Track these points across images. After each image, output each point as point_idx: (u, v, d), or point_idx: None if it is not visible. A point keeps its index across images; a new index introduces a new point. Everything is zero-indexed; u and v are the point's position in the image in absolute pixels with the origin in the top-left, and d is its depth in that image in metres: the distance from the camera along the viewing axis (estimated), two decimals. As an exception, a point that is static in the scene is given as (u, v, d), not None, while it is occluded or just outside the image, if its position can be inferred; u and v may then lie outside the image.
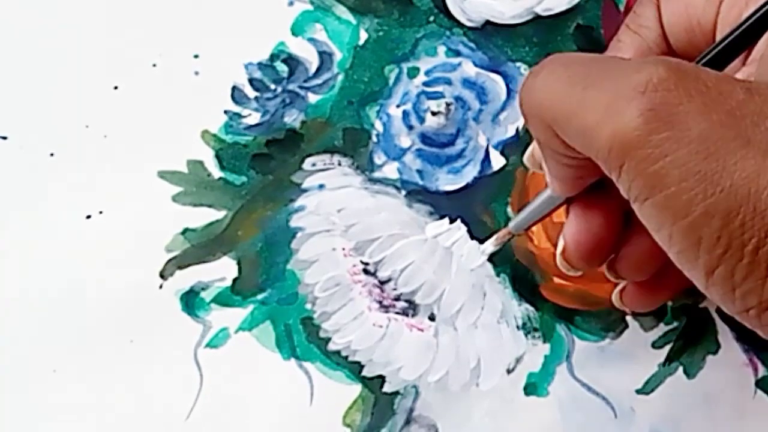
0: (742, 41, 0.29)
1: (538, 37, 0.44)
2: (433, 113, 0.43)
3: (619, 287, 0.37)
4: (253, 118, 0.43)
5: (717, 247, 0.25)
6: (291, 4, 0.45)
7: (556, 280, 0.41)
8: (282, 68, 0.44)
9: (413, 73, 0.44)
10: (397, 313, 0.41)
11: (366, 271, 0.41)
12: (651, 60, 0.26)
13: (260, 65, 0.44)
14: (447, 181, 0.42)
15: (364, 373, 0.40)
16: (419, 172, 0.42)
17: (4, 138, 0.43)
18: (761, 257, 0.24)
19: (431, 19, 0.45)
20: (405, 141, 0.43)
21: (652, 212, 0.26)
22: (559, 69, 0.28)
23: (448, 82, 0.44)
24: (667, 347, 0.41)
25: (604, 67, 0.27)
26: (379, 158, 0.43)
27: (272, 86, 0.44)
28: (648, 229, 0.27)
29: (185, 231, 0.42)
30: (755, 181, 0.24)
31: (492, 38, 0.44)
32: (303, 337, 0.41)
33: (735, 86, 0.26)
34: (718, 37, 0.31)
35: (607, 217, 0.33)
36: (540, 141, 0.30)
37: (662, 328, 0.41)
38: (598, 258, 0.34)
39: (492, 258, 0.41)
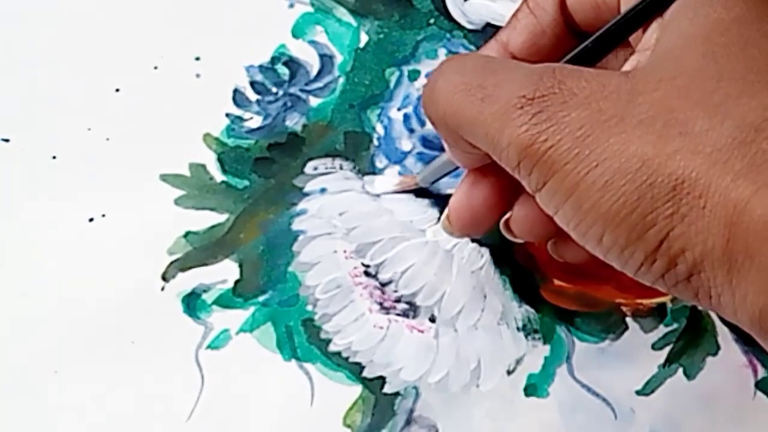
0: (610, 40, 0.31)
1: (538, 39, 0.44)
2: (434, 116, 0.43)
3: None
4: (255, 121, 0.43)
5: (599, 216, 0.27)
6: (291, 6, 0.45)
7: (557, 282, 0.41)
8: (283, 71, 0.44)
9: (414, 75, 0.44)
10: (398, 314, 0.41)
11: (367, 274, 0.41)
12: (537, 70, 0.29)
13: (261, 68, 0.44)
14: (448, 185, 0.42)
15: (365, 374, 0.40)
16: (420, 175, 0.43)
17: (7, 141, 0.43)
18: (636, 217, 0.26)
19: (432, 21, 0.45)
20: (406, 144, 0.43)
21: (547, 197, 0.28)
22: (455, 78, 0.30)
23: (449, 84, 0.44)
24: (667, 348, 0.41)
25: (497, 76, 0.29)
26: (380, 161, 0.43)
27: (273, 89, 0.44)
28: (551, 215, 0.29)
29: (187, 234, 0.42)
30: (625, 151, 0.26)
31: (492, 41, 0.44)
32: (304, 339, 0.41)
33: (613, 75, 0.28)
34: (623, 11, 0.32)
35: (490, 192, 0.35)
36: (448, 142, 0.33)
37: (662, 329, 0.41)
38: (474, 230, 0.36)
39: (493, 260, 0.41)
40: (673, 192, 0.25)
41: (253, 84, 0.44)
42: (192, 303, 0.41)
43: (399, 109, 0.43)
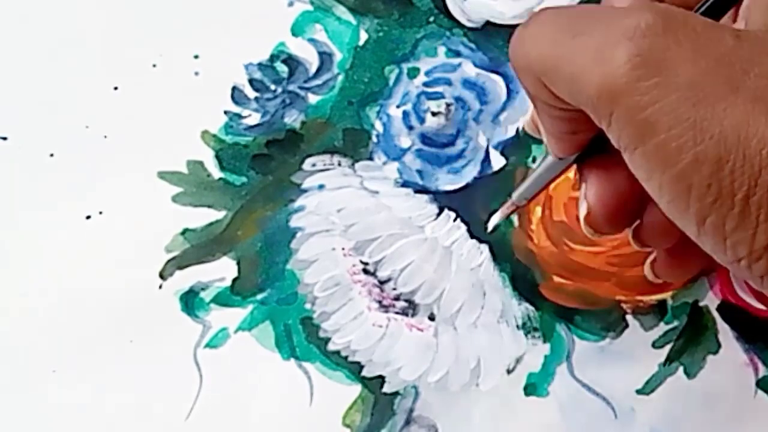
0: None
1: (537, 37, 0.44)
2: (433, 114, 0.43)
3: (650, 258, 0.35)
4: (253, 118, 0.43)
5: (707, 195, 0.24)
6: (291, 4, 0.45)
7: (556, 279, 0.41)
8: (282, 69, 0.44)
9: (413, 73, 0.44)
10: (397, 312, 0.41)
11: (366, 271, 0.41)
12: (639, 5, 0.26)
13: (260, 66, 0.44)
14: (447, 181, 0.42)
15: (364, 373, 0.40)
16: (419, 172, 0.42)
17: (5, 139, 0.43)
18: (752, 206, 0.24)
19: (431, 19, 0.45)
20: (405, 141, 0.43)
21: (642, 161, 0.25)
22: (548, 20, 0.28)
23: (448, 82, 0.44)
24: (668, 347, 0.41)
25: (592, 15, 0.27)
26: (379, 158, 0.43)
27: (272, 87, 0.44)
28: (638, 179, 0.26)
29: (185, 231, 0.42)
30: (744, 128, 0.24)
31: (492, 39, 0.44)
32: (302, 337, 0.41)
33: (724, 33, 0.25)
34: None
35: (626, 178, 0.31)
36: (530, 93, 0.30)
37: (662, 327, 0.41)
38: (624, 219, 0.33)
39: (492, 257, 0.41)
40: None
41: (251, 81, 0.44)
42: (190, 301, 0.41)
43: (398, 107, 0.43)
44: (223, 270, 0.41)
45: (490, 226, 0.38)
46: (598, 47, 0.25)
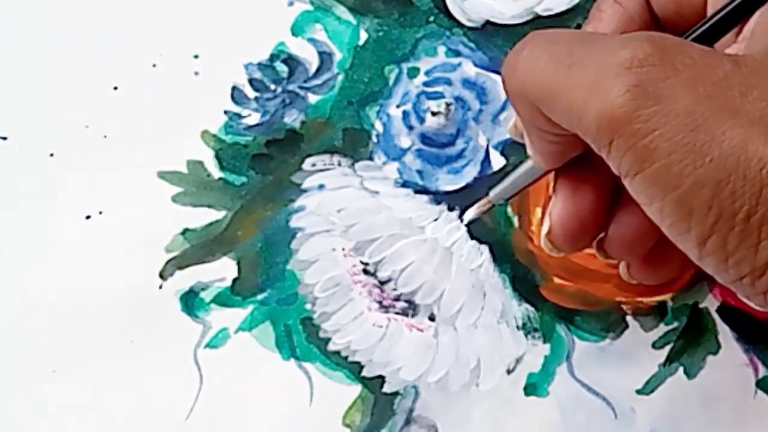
0: (731, 19, 0.29)
1: (538, 37, 0.44)
2: (433, 113, 0.43)
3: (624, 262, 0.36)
4: (253, 118, 0.43)
5: (708, 216, 0.24)
6: (291, 4, 0.45)
7: (556, 280, 0.41)
8: (282, 68, 0.44)
9: (413, 73, 0.44)
10: (397, 313, 0.41)
11: (366, 272, 0.41)
12: (635, 36, 0.26)
13: (260, 65, 0.44)
14: (447, 182, 0.42)
15: (364, 373, 0.40)
16: (419, 172, 0.42)
17: (4, 138, 0.43)
18: (753, 224, 0.24)
19: (431, 19, 0.45)
20: (405, 141, 0.43)
21: (643, 186, 0.25)
22: (541, 47, 0.28)
23: (448, 82, 0.44)
24: (668, 347, 0.40)
25: (588, 45, 0.27)
26: (378, 158, 0.43)
27: (272, 86, 0.44)
28: (639, 204, 0.26)
29: (185, 231, 0.42)
30: (744, 149, 0.24)
31: (492, 38, 0.44)
32: (303, 338, 0.41)
33: (721, 59, 0.26)
34: (709, 10, 0.30)
35: (594, 197, 0.33)
36: (525, 119, 0.30)
37: (662, 328, 0.41)
38: (583, 239, 0.34)
39: (493, 258, 0.41)
40: None
41: (251, 81, 0.44)
42: (190, 301, 0.41)
43: (398, 106, 0.43)
44: (223, 270, 0.41)
45: (465, 220, 0.39)
46: (596, 78, 0.25)
